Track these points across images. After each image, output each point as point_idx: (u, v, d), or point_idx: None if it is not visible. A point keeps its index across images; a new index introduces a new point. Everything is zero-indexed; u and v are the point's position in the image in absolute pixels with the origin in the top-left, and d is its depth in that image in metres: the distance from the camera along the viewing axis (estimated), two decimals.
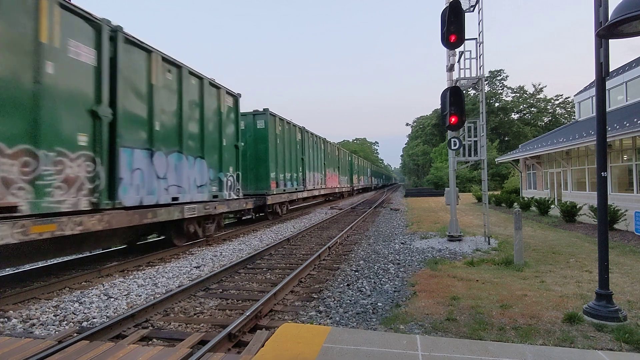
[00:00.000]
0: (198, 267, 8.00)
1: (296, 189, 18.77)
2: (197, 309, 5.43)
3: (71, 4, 6.48)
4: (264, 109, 15.68)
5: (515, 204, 20.52)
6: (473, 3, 10.03)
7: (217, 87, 11.26)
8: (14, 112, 5.58)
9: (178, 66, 9.37)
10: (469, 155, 10.52)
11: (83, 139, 6.71)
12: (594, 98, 5.47)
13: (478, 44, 9.83)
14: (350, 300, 5.58)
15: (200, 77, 10.31)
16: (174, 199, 8.93)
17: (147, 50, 8.33)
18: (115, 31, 7.41)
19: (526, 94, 63.31)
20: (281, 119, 16.93)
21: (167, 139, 8.89)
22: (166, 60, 8.94)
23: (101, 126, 7.02)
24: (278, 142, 16.43)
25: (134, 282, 6.84)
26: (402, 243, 10.40)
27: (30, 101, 5.80)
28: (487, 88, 55.79)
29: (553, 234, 11.64)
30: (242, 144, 13.61)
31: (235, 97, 12.54)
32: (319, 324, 4.69)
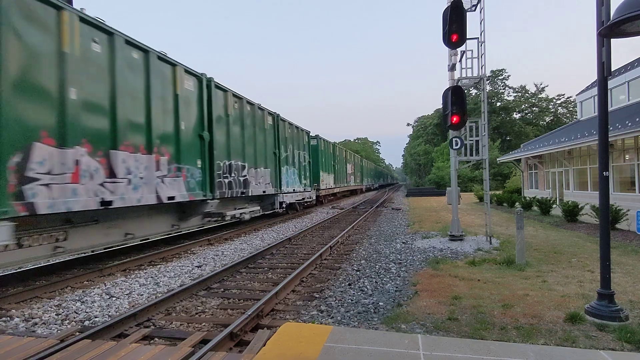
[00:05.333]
0: (199, 266, 8.01)
1: (332, 186, 27.55)
2: (198, 308, 5.44)
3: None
4: (315, 135, 22.93)
5: (517, 203, 20.47)
6: (475, 2, 10.00)
7: (305, 130, 19.99)
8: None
9: (296, 127, 18.21)
10: (471, 154, 10.51)
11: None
12: (596, 97, 5.45)
13: (480, 44, 9.82)
14: (351, 300, 5.58)
15: (303, 130, 19.32)
16: (293, 189, 17.51)
17: (293, 125, 17.90)
18: (277, 115, 15.74)
19: (528, 93, 63.15)
20: (325, 140, 24.64)
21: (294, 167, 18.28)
22: (290, 123, 17.24)
23: (275, 160, 15.41)
24: (324, 156, 24.17)
25: (136, 281, 6.85)
26: (403, 242, 10.39)
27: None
28: (488, 87, 55.79)
29: (555, 234, 11.62)
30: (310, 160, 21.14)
31: (308, 133, 20.79)
32: (321, 323, 4.69)
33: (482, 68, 9.88)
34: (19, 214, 5.35)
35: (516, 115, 62.12)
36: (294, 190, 17.37)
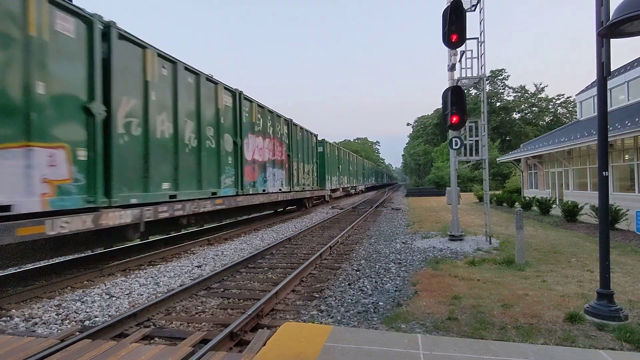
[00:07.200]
0: (199, 266, 8.01)
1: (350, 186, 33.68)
2: (198, 308, 5.44)
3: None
4: (321, 139, 24.29)
5: (517, 203, 20.49)
6: (474, 2, 10.01)
7: (313, 133, 21.00)
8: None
9: (327, 141, 21.32)
10: (471, 154, 10.51)
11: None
12: (596, 98, 5.46)
13: (479, 44, 9.82)
14: (351, 300, 5.58)
15: (312, 133, 20.60)
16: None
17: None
18: (290, 121, 17.16)
19: (527, 93, 63.17)
20: (338, 147, 27.71)
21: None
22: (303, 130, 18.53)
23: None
24: (333, 160, 26.48)
25: (136, 281, 6.85)
26: (403, 242, 10.40)
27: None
28: (488, 87, 55.77)
29: (554, 234, 11.63)
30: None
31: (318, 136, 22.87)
32: (321, 323, 4.70)
33: (481, 68, 9.89)
34: None
35: (516, 115, 62.13)
36: None
